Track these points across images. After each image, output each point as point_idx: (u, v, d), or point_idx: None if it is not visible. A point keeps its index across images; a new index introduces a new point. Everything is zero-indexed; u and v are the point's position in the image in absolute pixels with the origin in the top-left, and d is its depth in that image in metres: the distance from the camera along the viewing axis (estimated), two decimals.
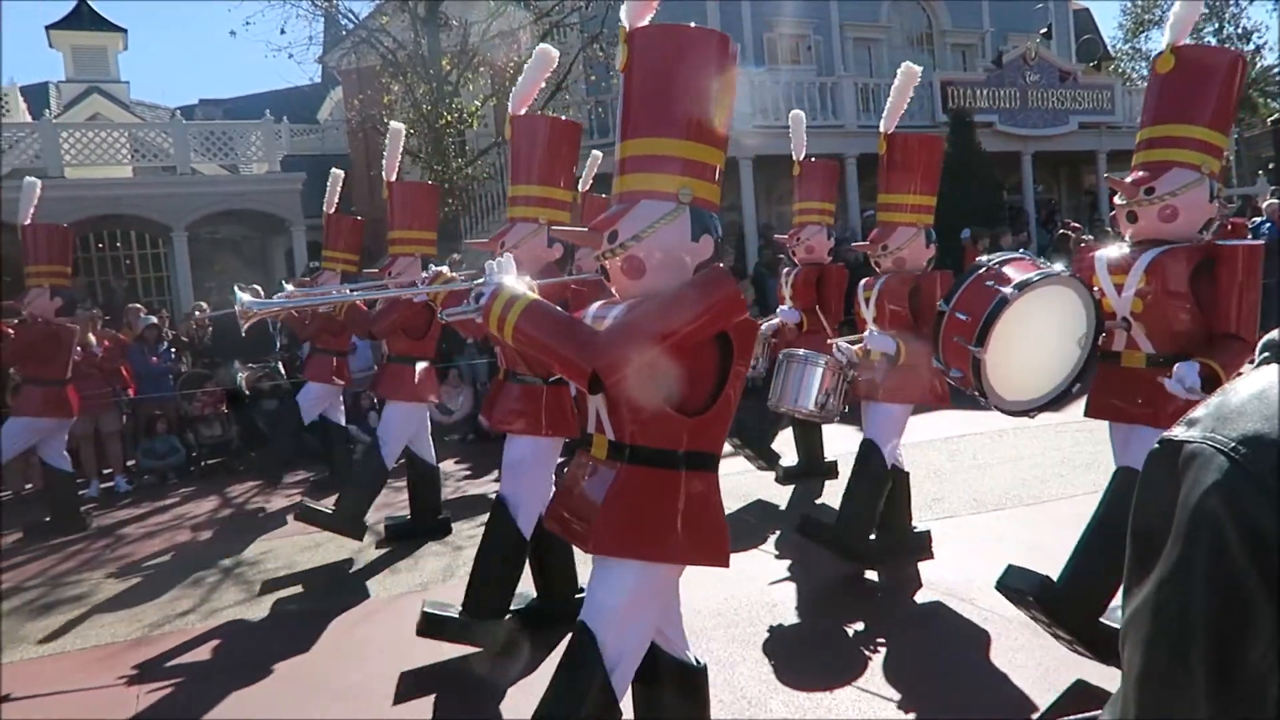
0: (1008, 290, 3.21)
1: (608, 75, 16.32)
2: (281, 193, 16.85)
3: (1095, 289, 3.48)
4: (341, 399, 7.77)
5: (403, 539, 6.24)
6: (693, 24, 2.51)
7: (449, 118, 14.53)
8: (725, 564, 2.55)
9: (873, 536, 4.93)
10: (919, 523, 5.32)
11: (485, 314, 2.51)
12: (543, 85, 4.30)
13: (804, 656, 3.96)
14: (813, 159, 6.81)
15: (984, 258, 3.53)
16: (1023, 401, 3.39)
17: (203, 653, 4.61)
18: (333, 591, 5.40)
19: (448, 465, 8.80)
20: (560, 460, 4.59)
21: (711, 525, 2.51)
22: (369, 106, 15.90)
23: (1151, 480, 0.84)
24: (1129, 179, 3.51)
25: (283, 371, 9.88)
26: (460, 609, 4.14)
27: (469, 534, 6.36)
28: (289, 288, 5.13)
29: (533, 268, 3.91)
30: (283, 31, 22.03)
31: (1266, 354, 0.90)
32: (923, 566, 4.93)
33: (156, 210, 15.96)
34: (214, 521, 7.63)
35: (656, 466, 2.45)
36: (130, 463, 9.55)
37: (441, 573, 5.58)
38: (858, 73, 18.38)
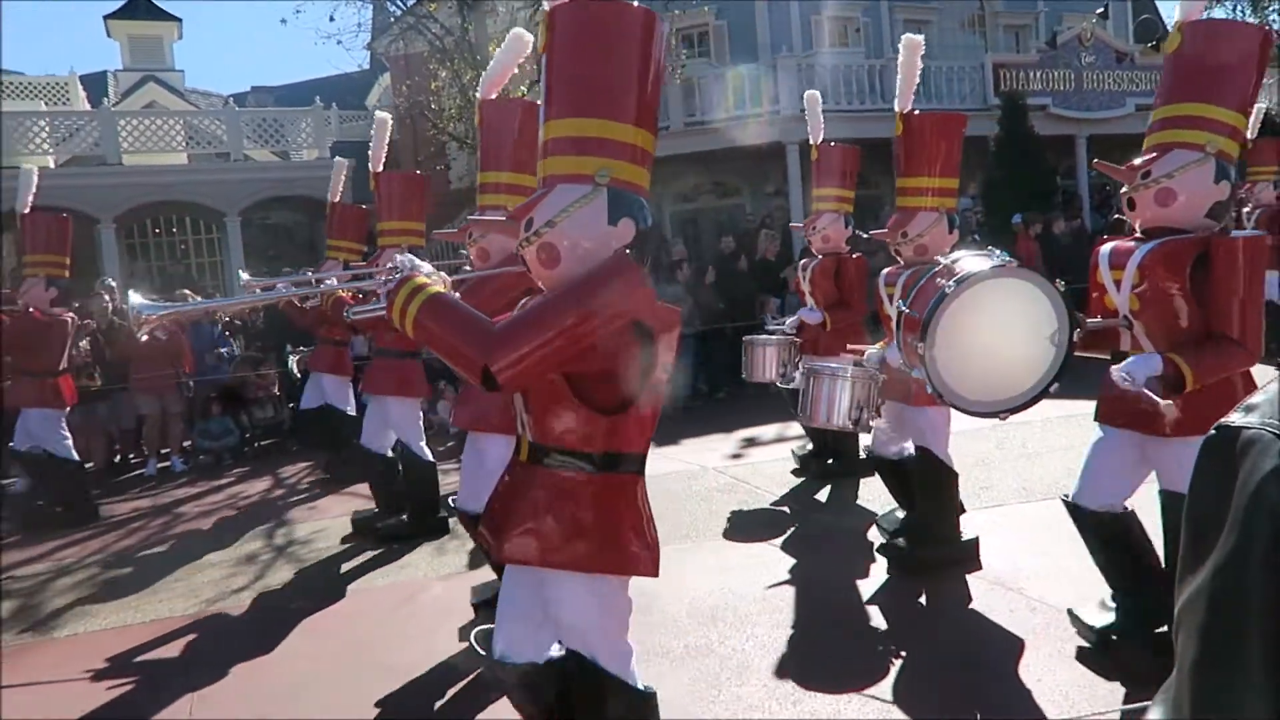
0: (949, 285, 3.09)
1: None
2: (330, 178, 17.04)
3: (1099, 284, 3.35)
4: (350, 389, 7.56)
5: (400, 540, 5.88)
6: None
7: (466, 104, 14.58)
8: (652, 573, 2.40)
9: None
10: (967, 523, 5.26)
11: (389, 306, 2.39)
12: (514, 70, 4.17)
13: (846, 643, 3.96)
14: (832, 143, 6.50)
15: (944, 255, 3.39)
16: (992, 402, 3.21)
17: (258, 629, 4.72)
18: (383, 575, 5.50)
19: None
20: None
21: (632, 531, 2.36)
22: (416, 93, 16.02)
23: (1207, 467, 0.83)
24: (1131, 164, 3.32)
25: None
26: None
27: None
28: (245, 276, 4.97)
29: (500, 258, 3.84)
30: (332, 19, 22.14)
31: None
32: None
33: (210, 196, 16.27)
34: (266, 501, 7.81)
35: (572, 470, 2.32)
36: (186, 443, 9.79)
37: (481, 555, 5.64)
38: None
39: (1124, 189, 3.35)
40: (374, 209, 6.32)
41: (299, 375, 8.78)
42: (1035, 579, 4.47)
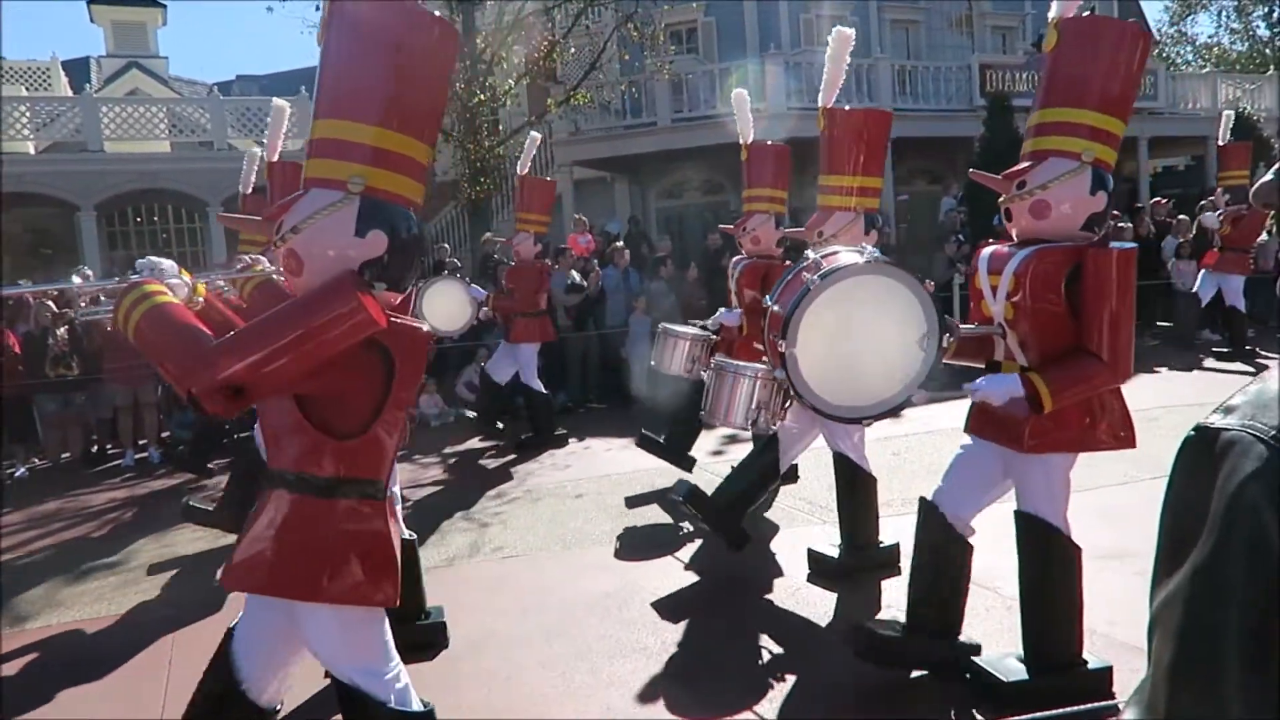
0: (813, 280, 2.96)
1: (641, 55, 16.23)
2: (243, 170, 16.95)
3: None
4: None
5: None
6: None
7: (482, 96, 14.53)
8: (391, 602, 2.28)
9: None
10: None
11: (115, 308, 2.28)
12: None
13: (827, 641, 3.96)
14: (769, 142, 6.26)
15: (815, 249, 3.28)
16: (855, 407, 3.09)
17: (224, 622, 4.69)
18: None
19: (474, 443, 8.87)
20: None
21: (360, 559, 2.23)
22: None
23: (1186, 468, 0.82)
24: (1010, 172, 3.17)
25: None
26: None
27: (494, 511, 6.43)
28: (87, 272, 4.74)
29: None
30: (318, 8, 22.01)
31: None
32: None
33: (193, 185, 16.15)
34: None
35: (304, 494, 2.21)
36: (164, 434, 9.70)
37: (468, 548, 5.64)
38: (895, 55, 18.17)
39: (1001, 198, 3.19)
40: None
41: None
42: (1011, 578, 4.47)
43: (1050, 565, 3.28)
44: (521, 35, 14.98)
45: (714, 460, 7.31)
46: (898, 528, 5.41)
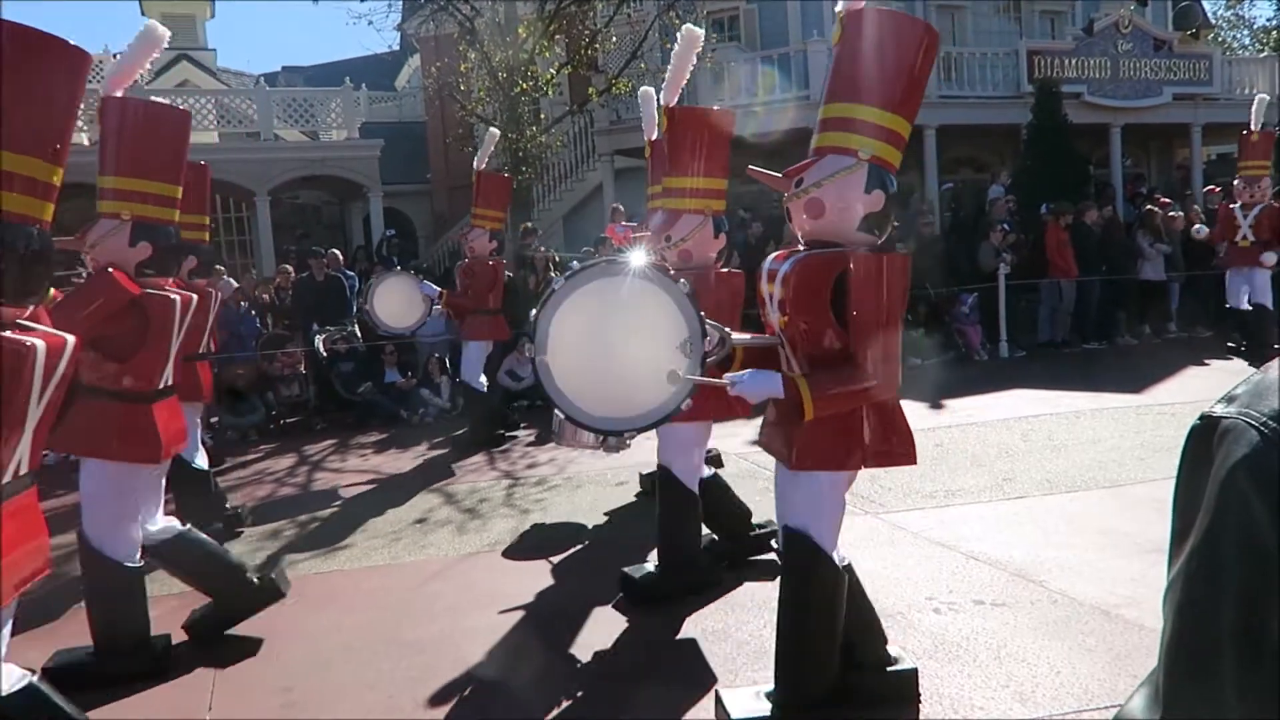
0: (557, 283, 2.81)
1: None
2: (359, 159, 17.16)
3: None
4: None
5: None
6: None
7: (524, 85, 14.57)
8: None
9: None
10: (989, 515, 5.23)
11: None
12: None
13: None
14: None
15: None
16: (619, 419, 2.87)
17: (280, 602, 4.78)
18: (407, 550, 5.55)
19: (516, 432, 8.94)
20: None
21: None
22: (446, 74, 16.03)
23: (1190, 456, 0.86)
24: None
25: (359, 334, 10.13)
26: None
27: (535, 499, 6.49)
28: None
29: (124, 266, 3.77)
30: None
31: None
32: (993, 548, 4.85)
33: (241, 175, 16.39)
34: (292, 477, 7.89)
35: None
36: (214, 420, 9.89)
37: (509, 533, 5.69)
38: (940, 41, 17.89)
39: (785, 197, 3.05)
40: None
41: (325, 354, 8.87)
42: (1058, 572, 4.43)
43: (808, 587, 3.04)
44: (563, 25, 14.99)
45: (752, 450, 7.28)
46: (940, 518, 5.39)
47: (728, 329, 3.02)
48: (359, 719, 3.47)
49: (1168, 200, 13.43)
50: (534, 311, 2.83)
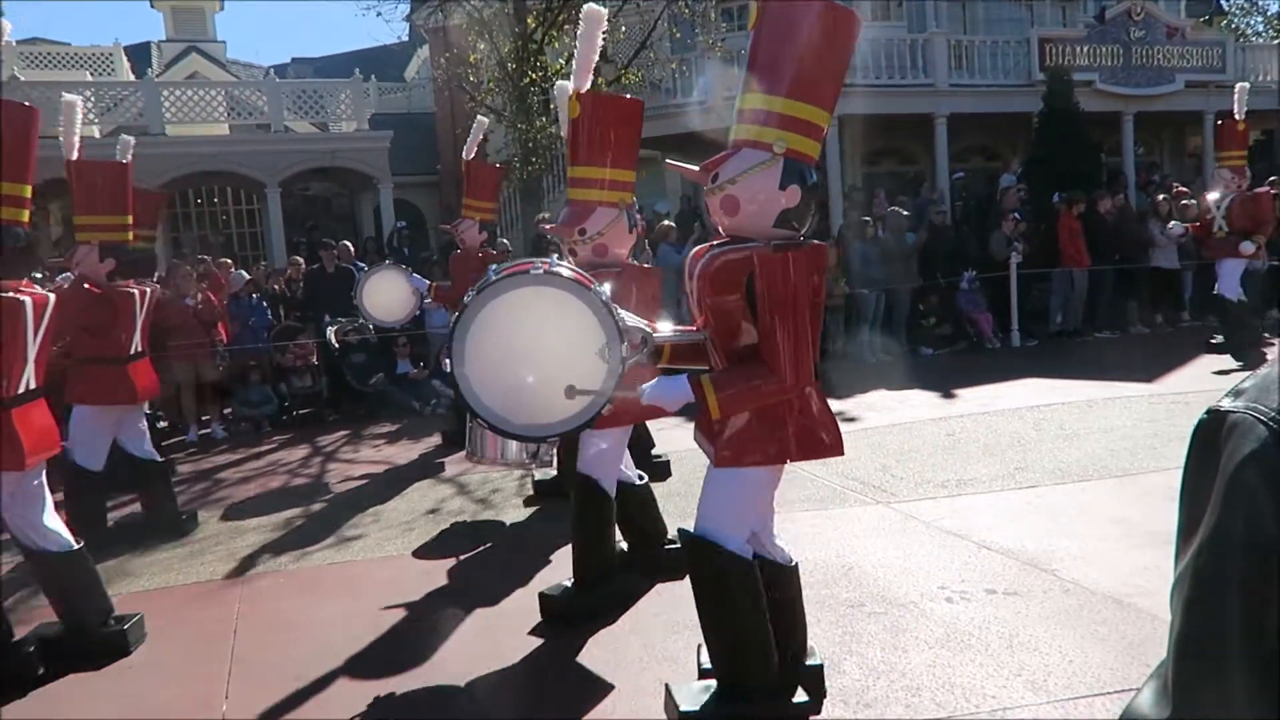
0: (468, 295, 2.77)
1: (692, 33, 16.11)
2: (369, 150, 17.19)
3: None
4: None
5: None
6: None
7: (533, 76, 14.55)
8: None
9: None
10: (1001, 504, 5.23)
11: None
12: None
13: (877, 619, 3.96)
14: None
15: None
16: (542, 425, 2.84)
17: (295, 591, 4.82)
18: (420, 539, 5.58)
19: None
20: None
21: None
22: (455, 65, 16.02)
23: (1196, 451, 0.86)
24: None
25: (371, 326, 10.19)
26: None
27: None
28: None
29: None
30: None
31: None
32: (1005, 537, 4.85)
33: (251, 166, 16.44)
34: (305, 468, 7.94)
35: None
36: (227, 411, 9.96)
37: (538, 519, 5.70)
38: (950, 29, 17.79)
39: (704, 191, 2.97)
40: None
41: (336, 345, 8.90)
42: (1069, 561, 4.44)
43: (721, 588, 2.99)
44: (572, 14, 14.95)
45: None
46: (952, 508, 5.40)
47: (651, 328, 2.92)
48: (369, 708, 3.51)
49: (1184, 189, 13.33)
50: (450, 324, 2.80)
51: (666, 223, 12.07)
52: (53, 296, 3.98)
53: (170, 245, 16.64)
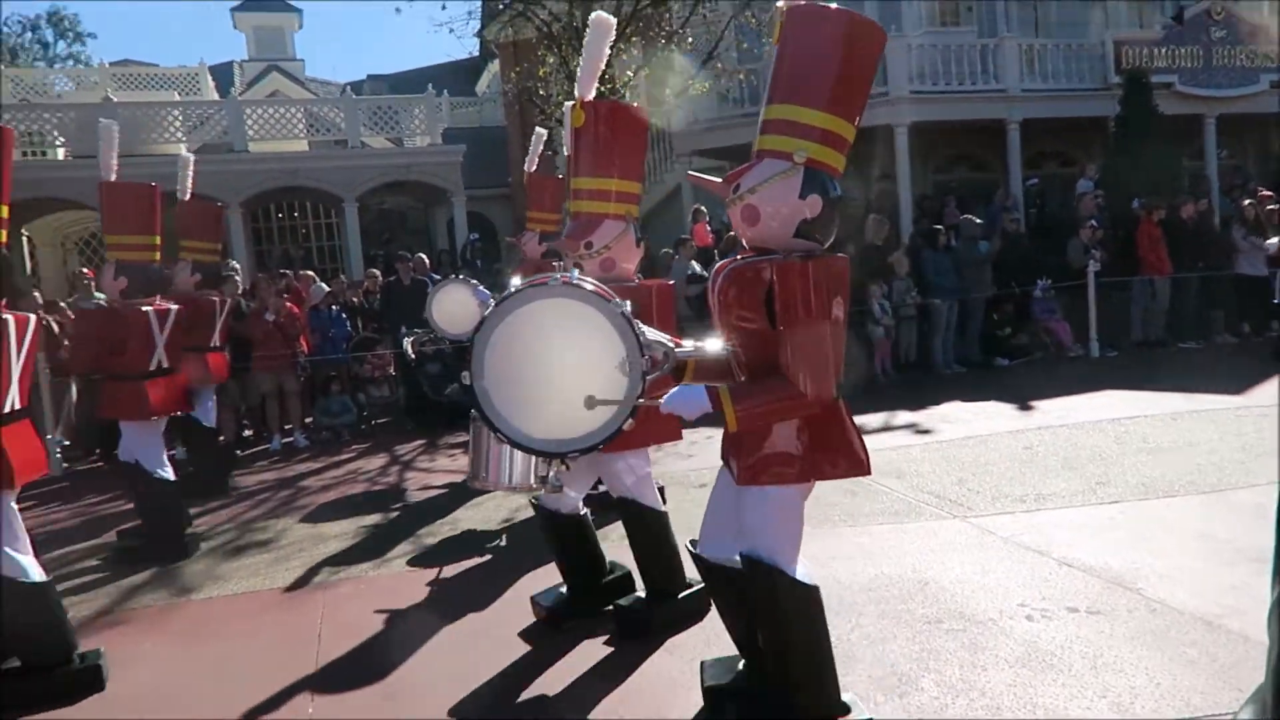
0: (488, 309, 2.74)
1: (759, 42, 16.11)
2: (443, 164, 17.52)
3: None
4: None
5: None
6: None
7: (602, 89, 14.69)
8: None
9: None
10: (1081, 519, 5.13)
11: None
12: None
13: (955, 635, 3.93)
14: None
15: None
16: (562, 440, 2.79)
17: (376, 597, 4.96)
18: (494, 548, 5.69)
19: None
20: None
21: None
22: (525, 79, 16.26)
23: None
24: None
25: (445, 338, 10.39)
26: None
27: None
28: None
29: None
30: (444, 7, 22.89)
31: None
32: (1086, 554, 4.76)
33: (329, 181, 16.88)
34: (383, 476, 8.14)
35: None
36: (308, 420, 10.25)
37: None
38: (1022, 34, 17.48)
39: (727, 203, 2.94)
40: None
41: (413, 356, 9.08)
42: (1155, 579, 4.34)
43: (782, 613, 2.93)
44: (640, 27, 15.07)
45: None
46: (1031, 523, 5.31)
47: (674, 343, 2.90)
48: (451, 711, 3.60)
49: (1270, 193, 12.89)
50: (470, 337, 2.81)
51: (733, 234, 12.07)
52: (33, 318, 3.92)
53: (254, 259, 17.14)
